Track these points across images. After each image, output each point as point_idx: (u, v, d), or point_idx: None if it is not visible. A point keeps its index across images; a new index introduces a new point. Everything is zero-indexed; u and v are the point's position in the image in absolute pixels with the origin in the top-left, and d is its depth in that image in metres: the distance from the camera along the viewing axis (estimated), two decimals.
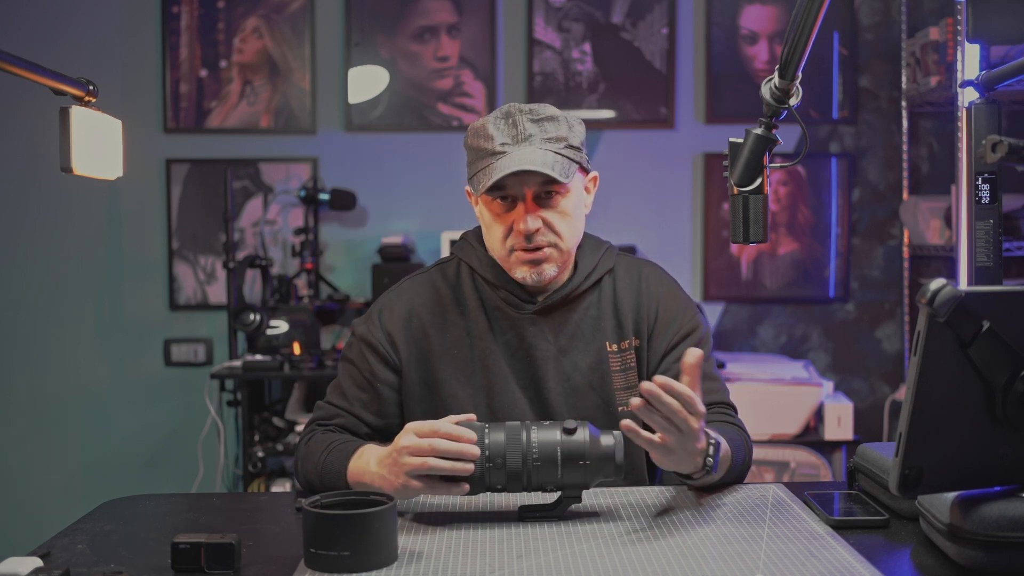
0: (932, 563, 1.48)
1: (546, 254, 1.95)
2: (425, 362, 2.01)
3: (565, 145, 1.93)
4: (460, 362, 2.00)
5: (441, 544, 1.59)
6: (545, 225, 1.94)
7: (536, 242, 1.93)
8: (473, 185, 1.94)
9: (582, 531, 1.64)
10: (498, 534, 1.64)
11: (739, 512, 1.72)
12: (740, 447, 1.89)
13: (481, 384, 1.99)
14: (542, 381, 2.00)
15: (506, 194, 1.92)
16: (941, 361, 1.33)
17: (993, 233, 1.78)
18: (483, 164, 1.92)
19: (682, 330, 2.04)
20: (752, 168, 1.75)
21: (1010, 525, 1.39)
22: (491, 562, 1.50)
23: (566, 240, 1.97)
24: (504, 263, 1.99)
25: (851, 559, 1.47)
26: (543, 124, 1.93)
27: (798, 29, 1.66)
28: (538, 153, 1.89)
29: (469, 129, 1.99)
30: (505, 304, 2.01)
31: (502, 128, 1.92)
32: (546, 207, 1.94)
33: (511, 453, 1.65)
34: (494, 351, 2.00)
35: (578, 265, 2.05)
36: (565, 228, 1.96)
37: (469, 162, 1.97)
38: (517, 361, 2.00)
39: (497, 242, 1.97)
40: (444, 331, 2.02)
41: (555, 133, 1.93)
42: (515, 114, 1.94)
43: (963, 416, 1.37)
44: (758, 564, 1.46)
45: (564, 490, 1.69)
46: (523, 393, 2.00)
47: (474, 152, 1.95)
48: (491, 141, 1.91)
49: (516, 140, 1.91)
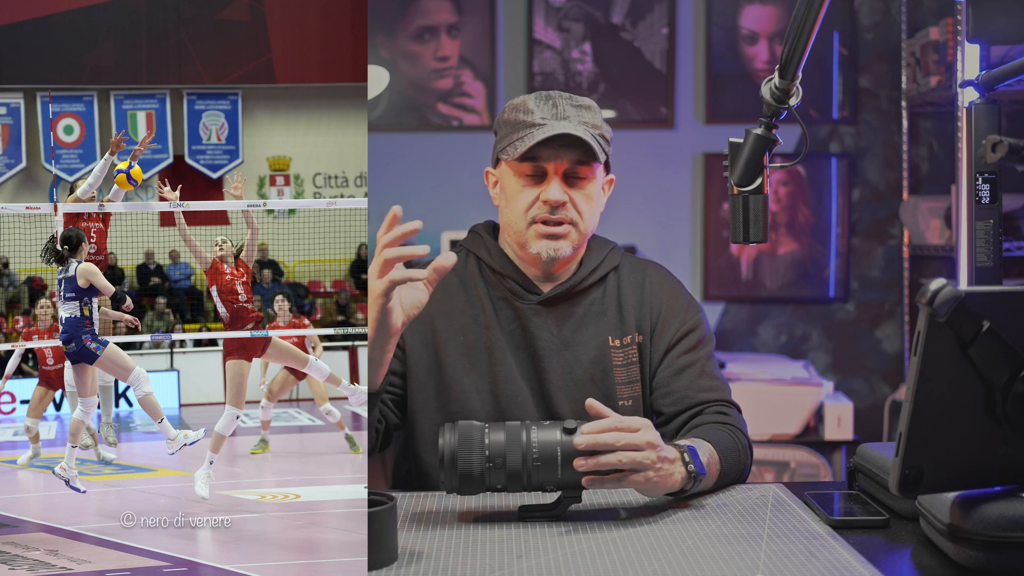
0: (932, 563, 1.48)
1: (566, 230, 1.98)
2: (430, 348, 2.03)
3: (599, 134, 2.00)
4: (466, 348, 2.02)
5: (441, 544, 1.59)
6: (570, 202, 1.98)
7: (559, 216, 1.97)
8: (508, 152, 1.97)
9: (582, 531, 1.64)
10: (498, 534, 1.64)
11: (739, 512, 1.72)
12: (732, 448, 1.89)
13: (486, 371, 2.01)
14: (544, 373, 2.01)
15: (538, 165, 1.96)
16: (941, 361, 1.33)
17: (993, 233, 1.78)
18: (521, 133, 1.96)
19: (683, 328, 2.05)
20: (752, 168, 1.75)
21: (1010, 525, 1.39)
22: (491, 562, 1.50)
23: (586, 222, 2.00)
24: (520, 237, 2.00)
25: (851, 559, 1.47)
26: (581, 111, 1.99)
27: (798, 29, 1.66)
28: (580, 127, 1.96)
29: (507, 106, 2.04)
30: (510, 294, 2.04)
31: (543, 106, 1.97)
32: (573, 187, 1.98)
33: (511, 453, 1.65)
34: (499, 339, 2.02)
35: (583, 260, 2.07)
36: (587, 211, 2.00)
37: (502, 136, 2.01)
38: (521, 351, 2.02)
39: (519, 212, 1.99)
40: (450, 317, 2.03)
41: (591, 120, 2.00)
42: (555, 97, 1.99)
43: (963, 416, 1.37)
44: (758, 564, 1.46)
45: (564, 490, 1.69)
46: (526, 384, 2.01)
47: (510, 125, 1.99)
48: (531, 115, 1.97)
49: (556, 117, 1.96)
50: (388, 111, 4.72)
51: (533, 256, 2.00)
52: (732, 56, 4.76)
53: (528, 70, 4.74)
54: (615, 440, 1.63)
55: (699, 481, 1.74)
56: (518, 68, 4.76)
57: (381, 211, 5.29)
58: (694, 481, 1.72)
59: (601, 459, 1.64)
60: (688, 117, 4.78)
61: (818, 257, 4.79)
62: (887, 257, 4.81)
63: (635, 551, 1.53)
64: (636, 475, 1.65)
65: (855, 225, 4.82)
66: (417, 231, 1.65)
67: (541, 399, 2.01)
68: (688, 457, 1.72)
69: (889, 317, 4.82)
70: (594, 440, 1.64)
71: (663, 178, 4.78)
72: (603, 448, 1.63)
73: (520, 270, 2.04)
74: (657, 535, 1.61)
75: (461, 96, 4.73)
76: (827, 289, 4.79)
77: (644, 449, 1.65)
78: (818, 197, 4.77)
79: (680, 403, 2.00)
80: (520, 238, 2.01)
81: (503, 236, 2.08)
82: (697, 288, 4.73)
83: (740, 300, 4.71)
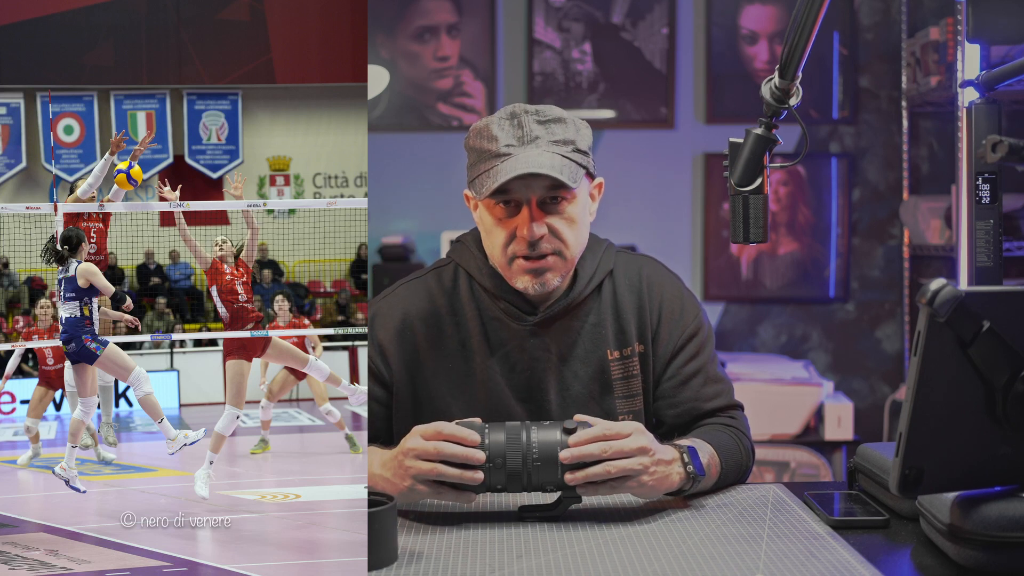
0: (932, 563, 1.48)
1: (550, 263, 1.86)
2: (417, 375, 1.96)
3: (572, 148, 1.84)
4: (454, 375, 1.94)
5: (441, 544, 1.59)
6: (550, 232, 1.84)
7: (540, 250, 1.84)
8: (475, 188, 1.85)
9: (582, 531, 1.64)
10: (498, 534, 1.64)
11: (739, 512, 1.72)
12: (733, 450, 1.88)
13: (476, 397, 1.94)
14: (541, 392, 1.94)
15: (510, 198, 1.83)
16: (941, 361, 1.33)
17: (993, 233, 1.78)
18: (486, 166, 1.82)
19: (685, 333, 1.98)
20: (752, 168, 1.75)
21: (1010, 525, 1.39)
22: (491, 562, 1.50)
23: (571, 248, 1.87)
24: (504, 271, 1.90)
25: (851, 559, 1.47)
26: (550, 126, 1.84)
27: (798, 29, 1.66)
28: (545, 156, 1.80)
29: (471, 130, 1.90)
30: (505, 315, 1.94)
31: (507, 129, 1.83)
32: (552, 213, 1.84)
33: (511, 453, 1.65)
34: (491, 365, 1.93)
35: (578, 272, 1.95)
36: (571, 236, 1.86)
37: (470, 164, 1.88)
38: (516, 374, 1.94)
39: (498, 249, 1.88)
40: (438, 344, 1.95)
41: (562, 136, 1.84)
42: (520, 115, 1.84)
43: (963, 416, 1.37)
44: (758, 564, 1.46)
45: (564, 490, 1.69)
46: (521, 406, 1.94)
47: (476, 153, 1.86)
48: (495, 142, 1.82)
49: (522, 142, 1.82)
50: (388, 111, 4.72)
51: (520, 290, 1.90)
52: (732, 56, 4.76)
53: (528, 70, 4.75)
54: (601, 451, 1.62)
55: (698, 482, 1.73)
56: (518, 68, 4.76)
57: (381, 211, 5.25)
58: (693, 482, 1.72)
59: (590, 471, 1.63)
60: (688, 117, 4.78)
61: (818, 257, 4.79)
62: (887, 257, 4.81)
63: (635, 551, 1.53)
64: (629, 481, 1.64)
65: (855, 225, 4.82)
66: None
67: (537, 419, 1.90)
68: (687, 458, 1.71)
69: (889, 317, 4.82)
70: (580, 452, 1.62)
71: (663, 178, 4.78)
72: (591, 459, 1.62)
73: (513, 289, 1.92)
74: (657, 535, 1.61)
75: (461, 96, 4.74)
76: (827, 289, 4.79)
77: (634, 455, 1.64)
78: (818, 197, 4.78)
79: (686, 415, 1.95)
80: (504, 272, 1.90)
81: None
82: (697, 288, 4.73)
83: (740, 300, 4.72)
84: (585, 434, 1.64)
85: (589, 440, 1.63)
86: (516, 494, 1.77)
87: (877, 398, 4.80)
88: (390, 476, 1.68)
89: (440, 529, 1.67)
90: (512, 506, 1.78)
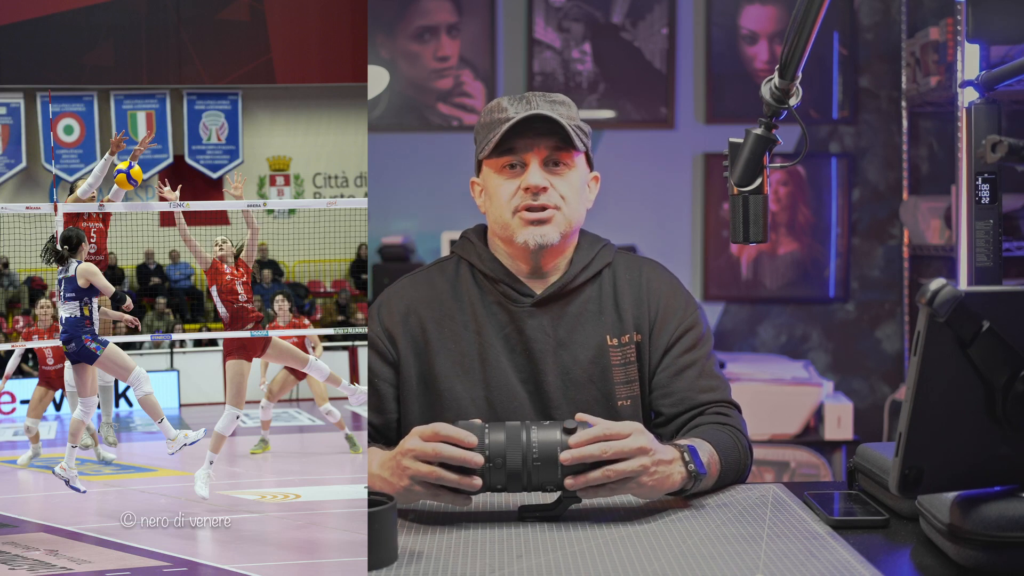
0: (932, 563, 1.48)
1: (550, 215, 1.96)
2: (423, 356, 2.02)
3: (575, 125, 1.98)
4: (458, 356, 2.00)
5: (441, 544, 1.59)
6: (552, 189, 1.96)
7: (541, 202, 1.95)
8: (485, 149, 1.97)
9: (582, 531, 1.64)
10: (498, 534, 1.64)
11: (739, 512, 1.72)
12: (732, 448, 1.89)
13: (479, 378, 2.00)
14: (541, 374, 1.99)
15: (515, 160, 1.96)
16: (941, 361, 1.33)
17: (993, 233, 1.78)
18: (495, 131, 1.96)
19: (682, 326, 2.03)
20: (752, 168, 1.75)
21: (1010, 525, 1.39)
22: (491, 562, 1.50)
23: (570, 207, 1.98)
24: (507, 230, 1.98)
25: (851, 559, 1.47)
26: (555, 105, 1.97)
27: (798, 29, 1.66)
28: (552, 114, 1.94)
29: (482, 112, 2.03)
30: (503, 298, 2.02)
31: (515, 103, 1.97)
32: (553, 174, 1.97)
33: (511, 453, 1.65)
34: (493, 345, 2.00)
35: (574, 258, 2.05)
36: (570, 196, 1.97)
37: (479, 140, 2.01)
38: (516, 355, 2.00)
39: (502, 204, 1.98)
40: (442, 325, 2.02)
41: (567, 114, 1.98)
42: (529, 95, 1.98)
43: (963, 416, 1.37)
44: (758, 564, 1.46)
45: (564, 490, 1.69)
46: (522, 387, 2.00)
47: (486, 127, 1.99)
48: (504, 112, 1.96)
49: (530, 110, 1.95)
50: (388, 111, 4.72)
51: (521, 248, 1.98)
52: (732, 56, 4.76)
53: (528, 70, 4.75)
54: (601, 452, 1.63)
55: (699, 481, 1.73)
56: (518, 68, 4.76)
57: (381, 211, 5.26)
58: (695, 481, 1.72)
59: (589, 476, 1.63)
60: (688, 117, 4.78)
61: (818, 257, 4.79)
62: (887, 257, 4.81)
63: (635, 551, 1.53)
64: (630, 482, 1.65)
65: (855, 225, 4.82)
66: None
67: (538, 402, 2.00)
68: (688, 457, 1.72)
69: (889, 317, 4.82)
70: (580, 454, 1.63)
71: (663, 178, 4.78)
72: (591, 460, 1.63)
73: (512, 273, 2.02)
74: (657, 535, 1.61)
75: (461, 96, 4.74)
76: (827, 289, 4.79)
77: (634, 456, 1.64)
78: (818, 197, 4.78)
79: (680, 404, 1.99)
80: (506, 231, 1.99)
81: (492, 239, 2.06)
82: (697, 288, 4.73)
83: (740, 300, 4.72)
84: (585, 434, 1.64)
85: (589, 440, 1.64)
86: (516, 494, 1.77)
87: (877, 398, 4.80)
88: (388, 476, 1.69)
89: (440, 529, 1.67)
90: (512, 506, 1.78)
